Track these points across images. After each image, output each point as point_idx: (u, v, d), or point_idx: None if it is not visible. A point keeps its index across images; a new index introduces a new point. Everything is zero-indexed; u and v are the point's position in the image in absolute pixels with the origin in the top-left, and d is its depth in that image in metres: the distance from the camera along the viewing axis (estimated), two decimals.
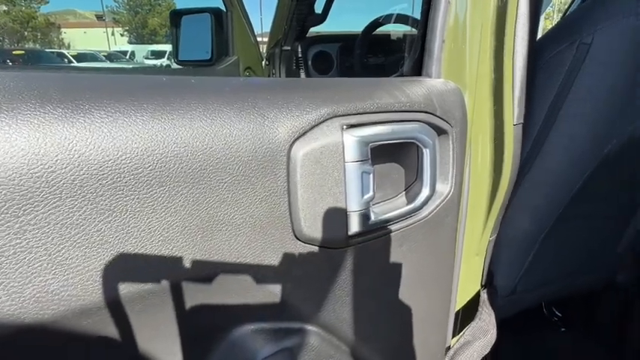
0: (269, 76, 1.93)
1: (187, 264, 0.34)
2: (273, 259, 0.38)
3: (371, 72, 1.63)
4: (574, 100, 0.72)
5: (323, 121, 0.38)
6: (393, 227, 0.45)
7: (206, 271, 0.36)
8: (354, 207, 0.40)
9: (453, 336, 0.78)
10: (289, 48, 1.84)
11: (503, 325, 1.11)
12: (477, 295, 0.87)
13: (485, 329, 0.77)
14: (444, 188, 0.50)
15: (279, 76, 1.86)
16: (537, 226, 0.86)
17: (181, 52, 1.80)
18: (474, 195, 0.74)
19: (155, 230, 0.32)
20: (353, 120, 0.40)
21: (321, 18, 1.74)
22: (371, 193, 0.41)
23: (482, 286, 0.90)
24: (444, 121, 0.49)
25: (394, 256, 0.47)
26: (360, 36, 1.67)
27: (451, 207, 0.52)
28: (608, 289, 1.28)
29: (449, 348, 0.72)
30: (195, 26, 1.83)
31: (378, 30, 1.67)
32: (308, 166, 0.37)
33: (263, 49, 2.12)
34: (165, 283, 0.34)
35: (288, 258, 0.39)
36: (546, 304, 1.46)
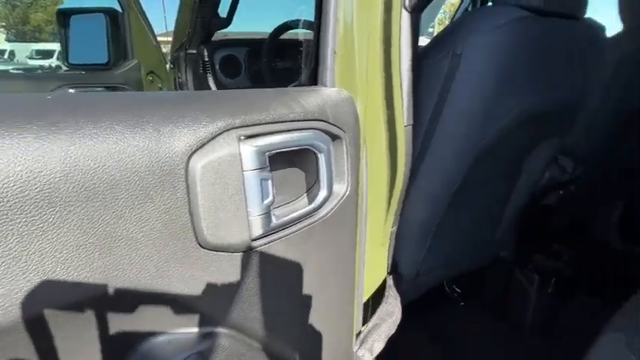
0: (175, 80, 1.86)
1: (86, 283, 0.34)
2: (179, 269, 0.39)
3: (279, 77, 1.66)
4: (451, 104, 0.83)
5: (220, 134, 0.40)
6: (294, 228, 0.49)
7: (107, 288, 0.36)
8: (255, 212, 0.43)
9: (365, 322, 0.85)
10: (195, 51, 1.79)
11: (410, 306, 1.22)
12: (385, 282, 0.96)
13: (391, 311, 0.86)
14: (340, 188, 0.55)
15: (186, 81, 1.80)
16: (432, 213, 0.97)
17: (73, 55, 1.66)
18: (374, 191, 0.82)
19: (47, 252, 0.32)
20: (249, 131, 0.42)
21: (226, 22, 1.73)
22: (270, 198, 0.44)
23: (388, 273, 0.99)
24: (337, 127, 0.54)
25: (298, 255, 0.51)
26: (267, 40, 1.70)
27: (349, 204, 0.58)
28: (495, 264, 1.48)
29: (360, 333, 0.79)
30: (87, 27, 1.70)
31: (288, 34, 1.70)
32: (207, 177, 0.39)
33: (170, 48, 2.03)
34: (63, 304, 0.34)
35: (193, 266, 0.40)
36: (447, 282, 1.64)
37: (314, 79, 0.61)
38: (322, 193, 0.52)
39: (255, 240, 0.44)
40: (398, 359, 1.33)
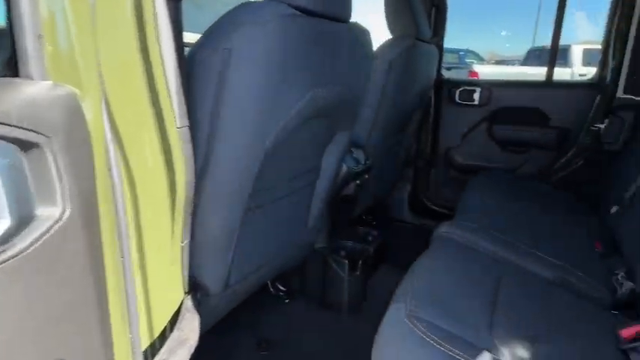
0: None
1: None
2: None
3: None
4: (229, 102, 0.78)
5: None
6: None
7: None
8: None
9: (153, 357, 0.72)
10: None
11: (235, 313, 1.15)
12: (181, 304, 0.85)
13: (184, 338, 0.76)
14: (50, 211, 0.42)
15: None
16: (230, 220, 0.91)
17: None
18: (150, 204, 0.70)
19: None
20: None
21: None
22: None
23: (186, 292, 0.88)
24: (35, 132, 0.40)
25: None
26: None
27: (72, 229, 0.45)
28: (312, 256, 1.54)
29: None
30: None
31: None
32: None
33: None
34: None
35: None
36: (271, 282, 1.63)
37: (15, 70, 0.46)
38: (2, 225, 0.38)
39: None
40: None
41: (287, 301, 1.60)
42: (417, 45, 1.54)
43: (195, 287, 0.91)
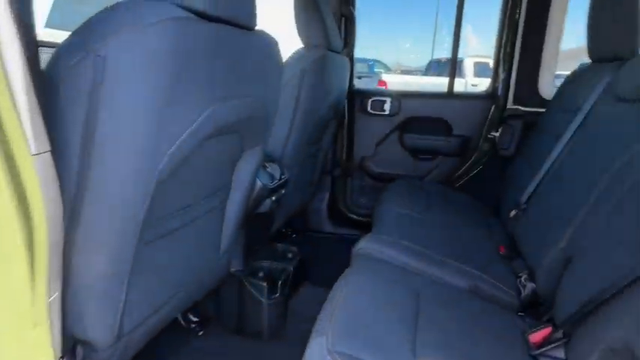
0: None
1: None
2: None
3: None
4: (107, 119, 0.64)
5: None
6: None
7: None
8: None
9: None
10: None
11: (144, 353, 0.98)
12: None
13: None
14: None
15: None
16: (117, 259, 0.76)
17: None
18: None
19: None
20: None
21: None
22: None
23: (61, 357, 0.71)
24: None
25: None
26: None
27: None
28: (227, 280, 1.40)
29: None
30: None
31: None
32: None
33: None
34: None
35: None
36: (182, 315, 1.47)
37: None
38: None
39: None
40: None
41: (200, 333, 1.45)
42: (329, 55, 1.51)
43: (74, 346, 0.74)
